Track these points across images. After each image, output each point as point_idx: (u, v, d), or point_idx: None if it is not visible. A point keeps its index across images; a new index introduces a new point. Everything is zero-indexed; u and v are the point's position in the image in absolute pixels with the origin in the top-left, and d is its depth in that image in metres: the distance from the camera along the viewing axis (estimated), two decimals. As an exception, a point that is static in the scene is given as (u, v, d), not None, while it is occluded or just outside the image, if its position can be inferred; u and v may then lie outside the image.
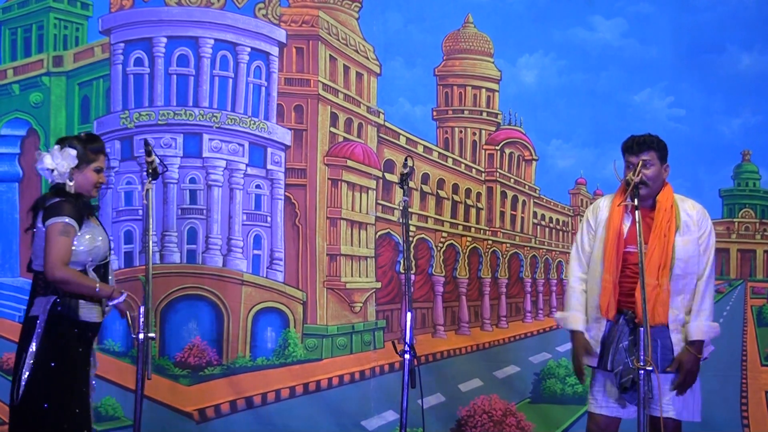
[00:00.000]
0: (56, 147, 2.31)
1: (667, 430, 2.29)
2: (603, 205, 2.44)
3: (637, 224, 2.23)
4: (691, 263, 2.33)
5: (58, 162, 2.27)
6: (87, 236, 2.27)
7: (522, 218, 3.75)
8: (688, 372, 2.32)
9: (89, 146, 2.31)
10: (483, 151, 3.68)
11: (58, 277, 2.24)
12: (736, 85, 3.44)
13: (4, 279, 3.46)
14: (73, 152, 2.28)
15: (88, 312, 2.26)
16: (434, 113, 3.65)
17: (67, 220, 2.23)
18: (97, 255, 2.28)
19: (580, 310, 2.39)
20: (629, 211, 2.34)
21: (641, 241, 2.21)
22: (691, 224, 2.35)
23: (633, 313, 2.31)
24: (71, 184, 2.29)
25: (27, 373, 2.18)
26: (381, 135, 3.60)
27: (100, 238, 2.29)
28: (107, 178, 3.41)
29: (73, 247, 2.22)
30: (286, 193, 3.52)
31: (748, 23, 3.44)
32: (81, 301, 2.26)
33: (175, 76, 3.46)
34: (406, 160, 2.36)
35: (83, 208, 2.28)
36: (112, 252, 2.42)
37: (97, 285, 2.24)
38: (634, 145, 2.35)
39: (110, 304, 2.25)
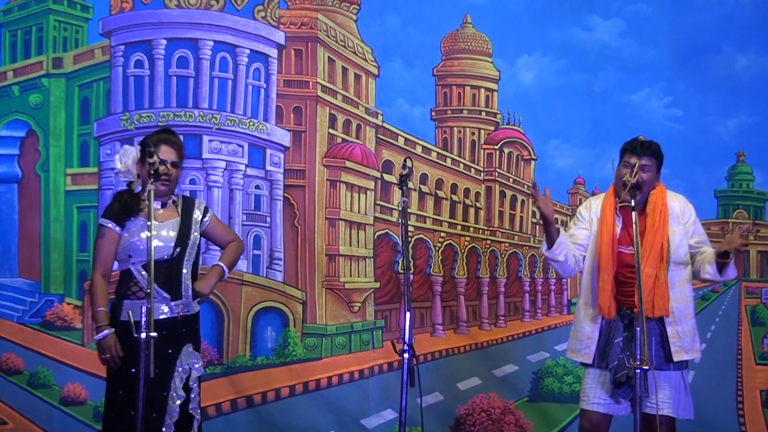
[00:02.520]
0: (124, 146, 2.38)
1: (663, 428, 2.29)
2: (595, 204, 2.46)
3: (634, 225, 2.23)
4: (680, 253, 2.36)
5: (123, 161, 2.32)
6: (125, 235, 2.29)
7: (521, 218, 3.75)
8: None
9: (151, 138, 2.32)
10: (482, 150, 3.68)
11: (89, 285, 2.38)
12: (731, 86, 3.44)
13: (3, 279, 3.47)
14: (134, 148, 2.32)
15: (126, 312, 2.24)
16: (433, 113, 3.65)
17: (103, 222, 2.31)
18: (138, 252, 2.27)
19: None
20: (618, 213, 2.36)
21: (638, 242, 2.22)
22: (676, 215, 2.38)
23: (628, 309, 2.31)
24: (138, 180, 2.33)
25: None
26: (379, 136, 3.60)
27: (141, 236, 2.26)
28: (109, 179, 3.44)
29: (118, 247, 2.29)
30: (285, 194, 3.52)
31: (744, 25, 3.43)
32: (126, 301, 2.28)
33: (174, 77, 3.47)
34: (405, 161, 2.36)
35: (126, 205, 2.29)
36: (196, 249, 2.37)
37: (98, 309, 2.25)
38: (639, 147, 2.35)
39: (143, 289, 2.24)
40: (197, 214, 2.39)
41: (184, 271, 2.32)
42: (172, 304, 2.29)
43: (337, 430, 3.39)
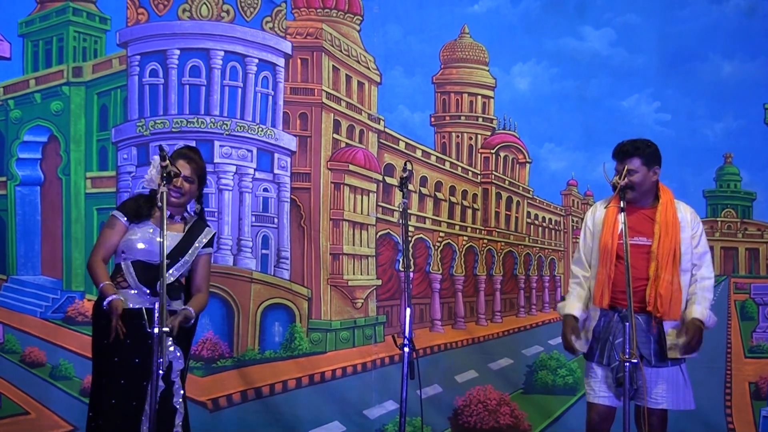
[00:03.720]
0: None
1: (655, 419, 2.34)
2: (600, 207, 2.51)
3: (623, 225, 2.27)
4: (685, 260, 2.39)
5: (150, 171, 2.38)
6: (128, 233, 2.34)
7: (516, 218, 3.78)
8: (695, 333, 2.34)
9: (174, 151, 2.39)
10: (479, 154, 3.71)
11: (87, 266, 2.38)
12: (718, 91, 3.45)
13: (27, 277, 3.51)
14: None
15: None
16: (432, 119, 3.69)
17: (116, 213, 2.36)
18: (130, 250, 2.31)
19: (576, 298, 2.47)
20: (622, 211, 2.38)
21: (627, 241, 2.26)
22: (686, 224, 2.42)
23: (626, 311, 2.32)
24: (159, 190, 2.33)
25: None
26: (381, 140, 3.64)
27: (139, 236, 2.31)
28: (126, 182, 3.51)
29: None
30: (292, 196, 3.56)
31: (730, 33, 3.45)
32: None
33: (187, 86, 3.50)
34: (405, 164, 2.38)
35: (139, 207, 2.34)
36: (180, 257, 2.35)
37: (104, 283, 2.27)
38: (620, 152, 2.41)
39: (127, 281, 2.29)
40: (201, 240, 2.39)
41: (167, 278, 2.25)
42: (153, 298, 2.26)
43: (341, 420, 3.41)
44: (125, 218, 2.34)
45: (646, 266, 2.34)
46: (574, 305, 2.47)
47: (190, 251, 2.39)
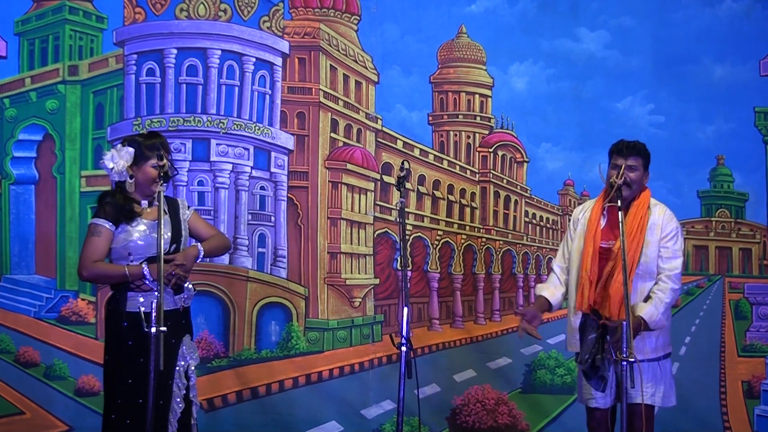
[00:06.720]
0: (117, 146, 2.31)
1: (636, 415, 2.30)
2: (587, 206, 2.50)
3: (620, 224, 2.24)
4: (650, 264, 2.35)
5: (116, 161, 2.27)
6: (122, 235, 2.27)
7: (514, 217, 3.77)
8: (635, 327, 2.26)
9: (146, 143, 2.29)
10: (477, 153, 3.70)
11: (86, 277, 2.31)
12: (709, 94, 3.47)
13: (21, 276, 3.48)
14: (131, 150, 2.27)
15: (132, 303, 2.25)
16: (430, 118, 3.68)
17: (98, 221, 2.27)
18: (137, 249, 2.26)
19: (552, 283, 2.48)
20: (605, 212, 2.38)
21: (624, 240, 2.23)
22: (656, 228, 2.37)
23: (598, 311, 2.33)
24: (131, 181, 2.29)
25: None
26: (379, 139, 3.62)
27: (137, 234, 2.26)
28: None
29: (112, 245, 2.26)
30: (289, 195, 3.54)
31: (721, 37, 3.47)
32: (129, 293, 2.26)
33: (184, 85, 3.49)
34: (402, 163, 2.39)
35: (120, 209, 2.26)
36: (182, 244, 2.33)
37: (126, 268, 2.23)
38: (624, 149, 2.40)
39: (147, 282, 2.22)
40: (183, 212, 2.39)
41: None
42: (176, 297, 2.29)
43: (338, 420, 3.40)
44: (110, 224, 2.26)
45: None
46: (545, 287, 2.48)
47: (183, 228, 2.38)
